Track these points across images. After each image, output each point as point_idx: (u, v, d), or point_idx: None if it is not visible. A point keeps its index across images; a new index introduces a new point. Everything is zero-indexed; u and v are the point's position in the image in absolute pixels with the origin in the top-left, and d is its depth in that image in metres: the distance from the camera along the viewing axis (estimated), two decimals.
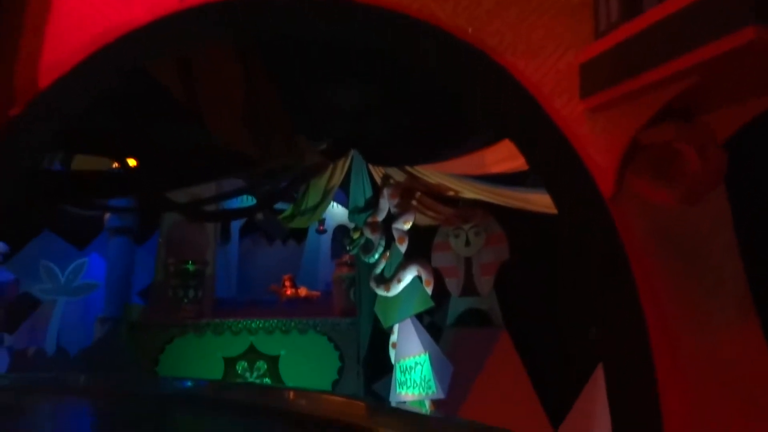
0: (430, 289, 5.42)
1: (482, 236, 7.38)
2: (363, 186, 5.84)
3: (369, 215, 5.78)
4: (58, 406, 6.06)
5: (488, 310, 7.19)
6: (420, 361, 5.26)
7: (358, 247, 5.95)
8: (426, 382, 5.19)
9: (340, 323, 8.28)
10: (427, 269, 5.41)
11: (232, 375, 8.06)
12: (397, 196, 5.65)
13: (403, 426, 3.91)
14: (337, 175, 5.74)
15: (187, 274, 8.59)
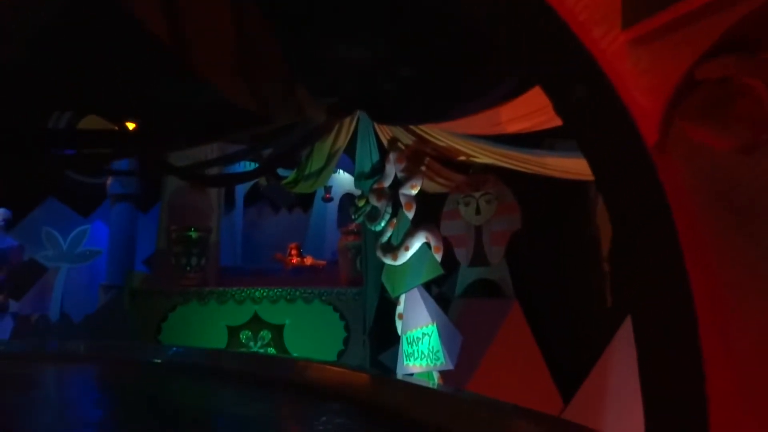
0: (440, 256, 5.18)
1: (493, 204, 7.12)
2: (370, 150, 5.55)
3: (375, 181, 5.51)
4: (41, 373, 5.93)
5: (498, 281, 6.98)
6: (428, 331, 5.06)
7: (364, 215, 5.70)
8: (434, 353, 4.99)
9: (346, 293, 8.10)
10: (435, 235, 5.17)
11: (235, 344, 7.92)
12: (404, 161, 5.37)
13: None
14: (342, 138, 5.45)
15: (189, 241, 8.40)
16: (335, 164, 5.92)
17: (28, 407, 4.36)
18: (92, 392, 5.70)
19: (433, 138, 5.14)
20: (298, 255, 9.95)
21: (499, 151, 4.79)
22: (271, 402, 4.69)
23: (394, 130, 5.36)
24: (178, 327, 7.95)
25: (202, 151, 7.19)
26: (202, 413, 4.41)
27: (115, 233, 10.74)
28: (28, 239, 11.45)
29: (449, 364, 4.86)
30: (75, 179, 12.92)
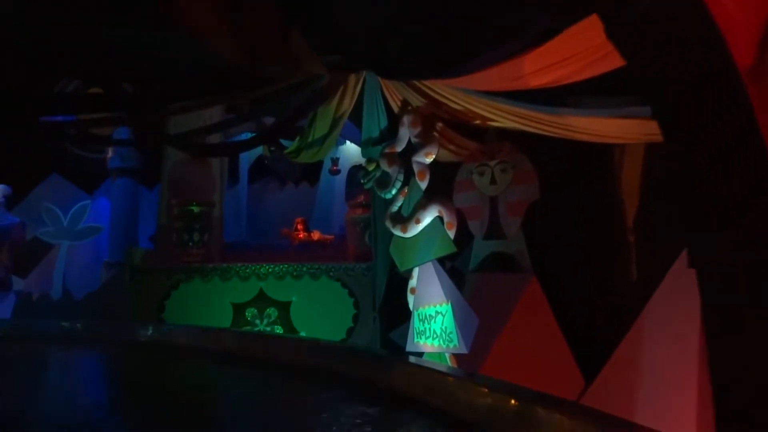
0: (453, 233, 4.79)
1: (510, 173, 6.70)
2: (377, 115, 5.13)
3: (387, 145, 5.09)
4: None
5: (515, 254, 6.60)
6: (441, 310, 4.69)
7: (374, 181, 5.30)
8: (447, 334, 4.64)
9: (354, 268, 7.77)
10: (449, 210, 4.76)
11: (241, 322, 7.65)
12: (419, 125, 4.94)
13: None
14: (347, 102, 5.02)
15: (191, 216, 8.07)
16: (340, 131, 5.50)
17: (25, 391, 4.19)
18: (85, 375, 5.46)
19: (447, 99, 4.71)
20: (304, 230, 9.63)
21: (518, 112, 4.35)
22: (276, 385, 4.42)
23: (403, 91, 4.92)
24: (181, 305, 7.67)
25: (201, 119, 6.77)
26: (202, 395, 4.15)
27: (117, 209, 10.46)
28: (32, 216, 11.22)
29: (463, 347, 4.51)
30: (78, 155, 12.64)
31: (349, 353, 4.49)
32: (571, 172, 6.34)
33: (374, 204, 7.12)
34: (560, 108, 4.06)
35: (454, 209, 4.81)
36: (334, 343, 5.87)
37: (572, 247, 6.30)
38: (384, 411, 3.26)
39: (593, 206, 6.25)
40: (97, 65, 4.53)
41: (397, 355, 4.52)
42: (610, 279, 5.97)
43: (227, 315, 7.65)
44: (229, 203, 10.21)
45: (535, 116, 4.34)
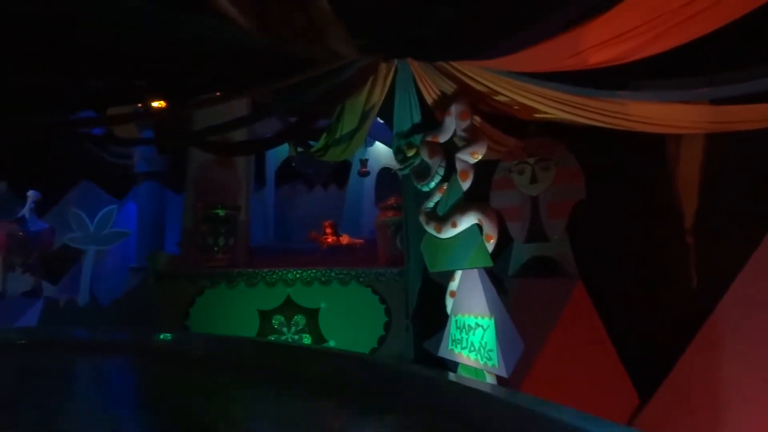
0: (491, 246, 4.34)
1: (552, 171, 6.24)
2: (410, 107, 4.72)
3: (429, 134, 4.65)
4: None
5: (559, 258, 6.13)
6: (483, 324, 4.25)
7: (411, 169, 4.88)
8: (486, 351, 4.19)
9: (385, 273, 7.38)
10: (491, 221, 4.29)
11: (267, 330, 7.32)
12: (468, 117, 4.50)
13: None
14: (378, 93, 4.63)
15: (216, 219, 7.81)
16: (369, 125, 5.10)
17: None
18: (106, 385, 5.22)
19: (487, 88, 4.27)
20: (333, 233, 9.29)
21: (568, 99, 3.89)
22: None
23: (439, 81, 4.50)
24: (206, 312, 7.40)
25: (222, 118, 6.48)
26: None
27: (143, 213, 10.31)
28: (63, 222, 11.17)
29: (503, 370, 4.06)
30: (108, 161, 12.63)
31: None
32: (619, 168, 5.84)
33: (406, 206, 6.73)
34: (619, 92, 3.59)
35: (497, 221, 4.36)
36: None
37: (622, 251, 5.79)
38: None
39: (646, 205, 5.73)
40: (120, 56, 4.25)
41: (438, 372, 4.08)
42: (667, 285, 5.45)
43: (253, 322, 7.34)
44: (255, 206, 9.94)
45: (587, 104, 3.88)
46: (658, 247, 5.57)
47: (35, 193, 10.56)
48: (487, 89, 4.30)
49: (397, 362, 5.23)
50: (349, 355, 4.84)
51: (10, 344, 6.51)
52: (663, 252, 5.52)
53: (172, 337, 5.85)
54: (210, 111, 5.66)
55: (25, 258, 10.06)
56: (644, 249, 5.64)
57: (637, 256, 5.67)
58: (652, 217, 5.64)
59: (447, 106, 4.66)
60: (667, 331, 5.24)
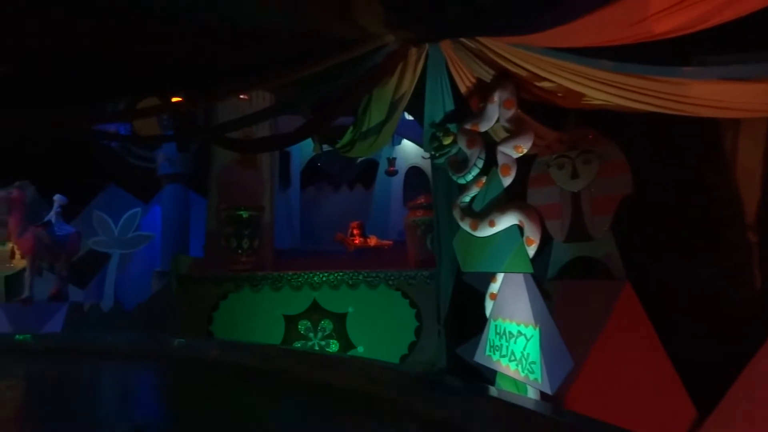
0: (533, 251, 3.95)
1: (595, 164, 5.78)
2: (442, 95, 4.36)
3: (469, 122, 4.29)
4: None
5: (604, 259, 5.66)
6: (526, 332, 3.87)
7: (447, 159, 4.53)
8: (528, 363, 3.80)
9: (415, 276, 7.03)
10: (533, 222, 3.90)
11: (293, 336, 7.05)
12: (514, 106, 4.13)
13: None
14: (408, 81, 4.28)
15: (240, 221, 7.57)
16: (398, 117, 4.75)
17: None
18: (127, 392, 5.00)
19: (529, 72, 3.88)
20: (360, 235, 8.98)
21: (622, 81, 3.46)
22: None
23: (474, 66, 4.13)
24: (230, 317, 7.17)
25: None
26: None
27: (167, 216, 10.15)
28: (90, 227, 11.11)
29: (547, 386, 3.67)
30: (134, 165, 12.58)
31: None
32: (670, 158, 5.38)
33: (437, 204, 6.35)
34: (683, 69, 3.16)
35: (540, 223, 3.97)
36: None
37: (675, 249, 5.33)
38: None
39: (701, 199, 5.25)
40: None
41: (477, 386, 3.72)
42: (727, 287, 4.97)
43: (278, 328, 7.07)
44: (280, 208, 9.70)
45: (643, 86, 3.44)
46: (715, 246, 5.09)
47: (61, 197, 10.51)
48: (529, 74, 3.91)
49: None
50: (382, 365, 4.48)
51: (34, 351, 6.39)
52: (721, 250, 5.04)
53: (193, 342, 5.60)
54: (233, 109, 5.43)
55: (52, 262, 10.00)
56: (700, 247, 5.17)
57: (692, 256, 5.19)
58: (708, 212, 5.16)
59: (489, 93, 4.28)
60: (728, 337, 4.76)
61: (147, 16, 3.69)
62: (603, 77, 3.58)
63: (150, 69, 4.57)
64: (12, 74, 5.23)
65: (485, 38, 3.67)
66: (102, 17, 3.89)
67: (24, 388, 4.93)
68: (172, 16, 3.62)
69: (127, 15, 3.74)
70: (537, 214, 4.03)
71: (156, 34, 3.97)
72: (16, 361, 5.95)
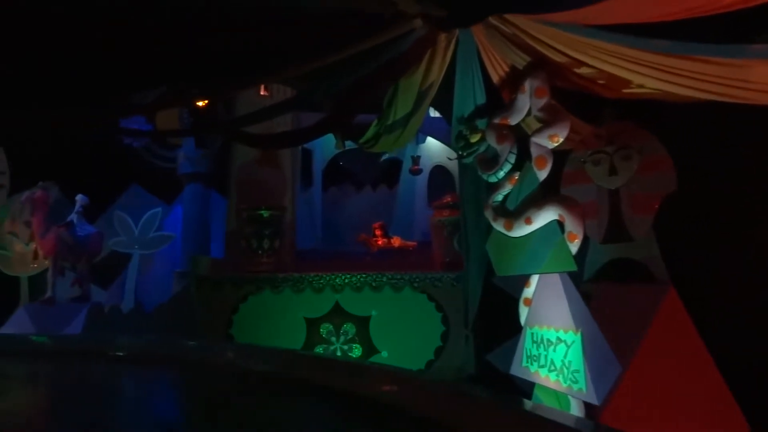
0: (575, 247, 3.64)
1: (634, 160, 5.42)
2: (473, 85, 4.07)
3: (497, 115, 4.00)
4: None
5: (645, 261, 5.30)
6: (566, 339, 3.56)
7: (476, 157, 4.24)
8: (571, 372, 3.49)
9: (442, 278, 6.75)
10: (575, 216, 3.59)
11: (315, 339, 6.81)
12: (546, 93, 3.83)
13: None
14: (436, 69, 4.00)
15: (261, 221, 7.37)
16: (426, 108, 4.46)
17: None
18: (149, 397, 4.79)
19: (569, 57, 3.57)
20: (384, 235, 8.72)
21: (675, 66, 3.13)
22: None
23: (508, 52, 3.83)
24: (251, 320, 6.97)
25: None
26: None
27: (188, 216, 10.01)
28: (112, 227, 11.06)
29: (592, 395, 3.35)
30: (157, 165, 12.53)
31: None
32: (718, 154, 4.99)
33: (464, 203, 6.08)
34: (752, 46, 2.82)
35: (582, 217, 3.65)
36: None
37: (723, 252, 4.94)
38: None
39: (751, 197, 4.86)
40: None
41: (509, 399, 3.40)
42: None
43: (300, 331, 6.84)
44: (302, 207, 9.50)
45: (699, 71, 3.12)
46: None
47: (83, 197, 10.45)
48: (569, 60, 3.60)
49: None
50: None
51: (55, 353, 6.25)
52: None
53: (209, 346, 5.37)
54: (252, 106, 5.21)
55: (74, 263, 9.94)
56: (752, 250, 4.78)
57: (743, 259, 4.81)
58: (761, 211, 4.76)
59: (519, 82, 3.97)
60: None
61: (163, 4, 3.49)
62: (654, 61, 3.25)
63: (168, 59, 4.39)
64: (27, 72, 5.13)
65: (521, 19, 3.37)
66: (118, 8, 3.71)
67: (39, 391, 4.77)
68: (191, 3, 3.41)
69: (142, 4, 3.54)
70: (578, 207, 3.71)
71: (173, 23, 3.77)
72: (30, 362, 5.81)
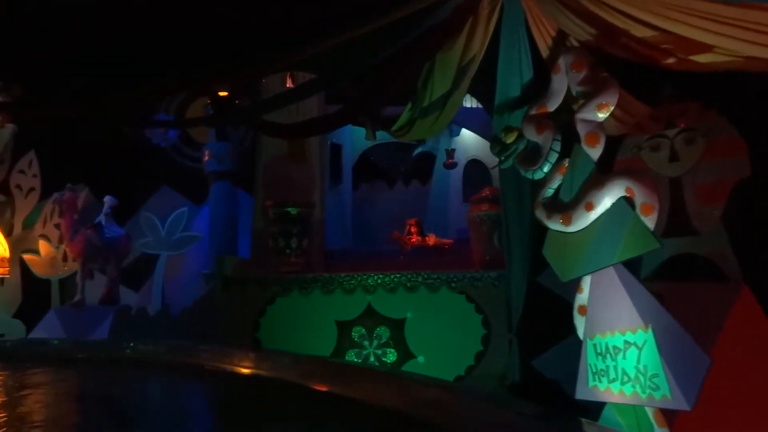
0: (653, 221, 3.13)
1: (700, 144, 4.88)
2: (519, 60, 3.59)
3: (533, 106, 3.55)
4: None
5: (712, 256, 4.74)
6: (637, 340, 3.06)
7: (515, 157, 3.78)
8: (649, 378, 2.99)
9: (482, 278, 6.27)
10: (645, 186, 3.10)
11: (346, 344, 6.42)
12: (584, 66, 3.36)
13: None
14: (478, 42, 3.52)
15: (288, 219, 7.02)
16: (467, 87, 3.98)
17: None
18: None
19: (633, 19, 3.08)
20: (418, 233, 8.28)
21: (762, 22, 2.63)
22: None
23: (562, 18, 3.36)
24: (278, 323, 6.62)
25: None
26: None
27: (214, 215, 9.78)
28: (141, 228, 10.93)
29: (681, 400, 2.85)
30: (186, 166, 12.39)
31: None
32: None
33: (505, 197, 5.58)
34: None
35: (655, 186, 3.16)
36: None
37: None
38: None
39: None
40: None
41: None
42: None
43: (330, 335, 6.46)
44: (331, 205, 9.15)
45: None
46: None
47: (111, 198, 10.33)
48: (633, 21, 3.09)
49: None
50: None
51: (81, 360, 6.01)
52: None
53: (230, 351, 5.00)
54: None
55: (102, 265, 9.82)
56: None
57: None
58: None
59: (551, 63, 3.50)
60: None
61: None
62: (736, 17, 2.73)
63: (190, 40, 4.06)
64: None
65: None
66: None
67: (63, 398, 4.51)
68: None
69: None
70: (650, 176, 3.24)
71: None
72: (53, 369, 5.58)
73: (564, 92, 3.52)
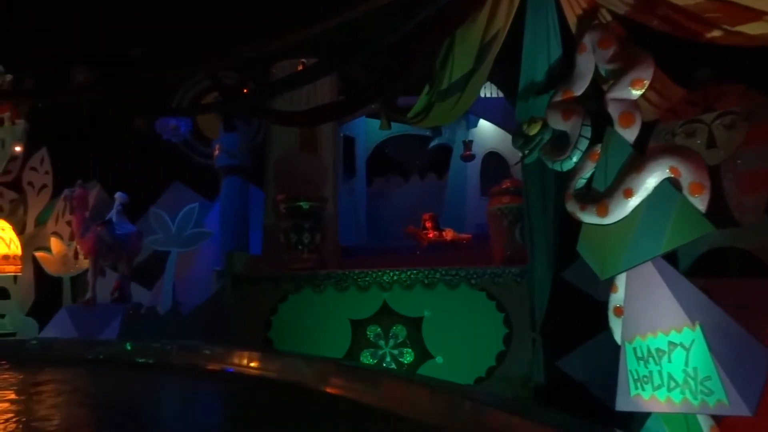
0: (704, 201, 2.79)
1: (740, 129, 4.56)
2: (547, 35, 3.28)
3: (558, 91, 3.24)
4: None
5: (755, 250, 4.41)
6: (683, 340, 2.73)
7: (541, 149, 3.46)
8: (700, 382, 2.66)
9: (502, 274, 5.97)
10: (692, 163, 2.76)
11: (361, 343, 6.17)
12: (612, 43, 3.05)
13: None
14: (502, 16, 3.20)
15: (300, 213, 6.77)
16: (490, 65, 3.66)
17: None
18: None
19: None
20: (434, 228, 7.99)
21: None
22: None
23: None
24: (291, 322, 6.39)
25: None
26: None
27: (225, 211, 9.58)
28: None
29: (740, 404, 2.52)
30: (198, 162, 12.24)
31: None
32: None
33: (528, 188, 5.27)
34: None
35: (701, 161, 2.83)
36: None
37: None
38: None
39: None
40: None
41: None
42: None
43: (345, 334, 6.20)
44: (344, 199, 8.91)
45: None
46: None
47: (122, 194, 10.18)
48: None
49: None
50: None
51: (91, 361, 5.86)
52: None
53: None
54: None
55: (114, 262, 9.67)
56: None
57: None
58: None
59: (576, 43, 3.18)
60: None
61: None
62: None
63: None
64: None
65: None
66: None
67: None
68: None
69: None
70: (696, 153, 2.90)
71: None
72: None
73: (591, 74, 3.21)
